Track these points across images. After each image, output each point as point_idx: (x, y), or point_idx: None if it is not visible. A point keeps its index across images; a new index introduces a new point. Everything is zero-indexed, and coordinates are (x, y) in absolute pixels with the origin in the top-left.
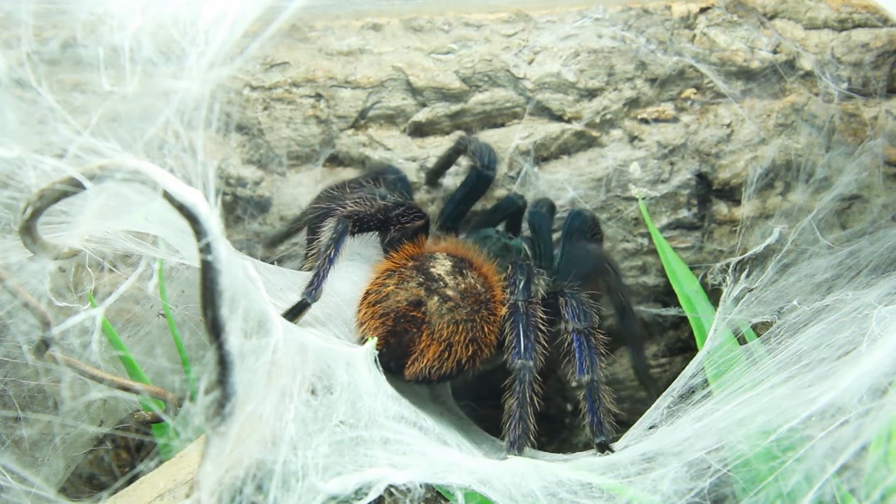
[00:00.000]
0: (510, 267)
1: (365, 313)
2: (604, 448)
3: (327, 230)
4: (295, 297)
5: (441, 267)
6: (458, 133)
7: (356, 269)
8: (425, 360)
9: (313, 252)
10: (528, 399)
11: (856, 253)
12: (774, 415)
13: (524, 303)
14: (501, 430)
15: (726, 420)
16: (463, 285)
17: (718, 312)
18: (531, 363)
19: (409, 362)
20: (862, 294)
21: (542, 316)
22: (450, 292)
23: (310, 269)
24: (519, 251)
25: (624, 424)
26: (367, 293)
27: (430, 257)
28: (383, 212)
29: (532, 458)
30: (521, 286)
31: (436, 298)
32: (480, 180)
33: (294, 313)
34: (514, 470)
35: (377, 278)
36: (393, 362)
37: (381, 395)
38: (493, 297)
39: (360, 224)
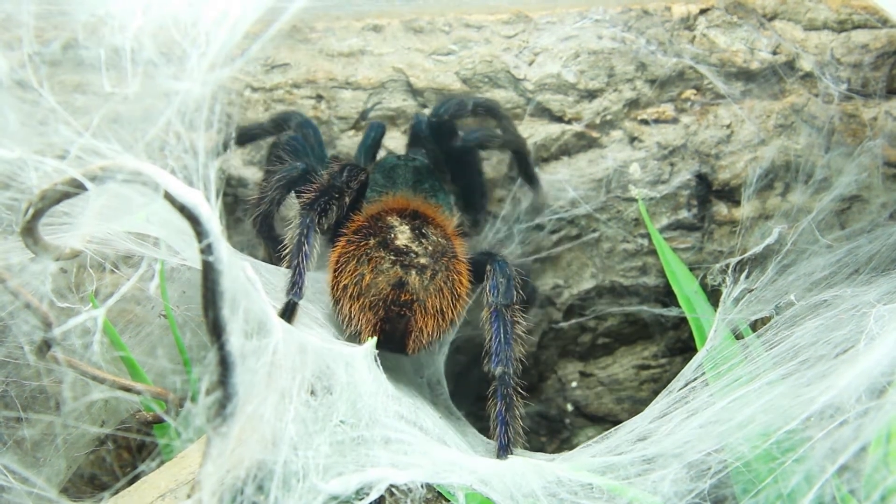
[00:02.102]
0: (489, 267)
1: (351, 307)
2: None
3: (293, 227)
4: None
5: (402, 234)
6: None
7: None
8: (425, 335)
9: (287, 252)
10: (513, 402)
11: (854, 251)
12: (774, 416)
13: (505, 307)
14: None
15: (727, 422)
16: (430, 246)
17: (718, 313)
18: (511, 370)
19: (410, 341)
20: (861, 292)
21: (521, 320)
22: (423, 260)
23: (287, 268)
24: (428, 171)
25: None
26: (345, 286)
27: (387, 227)
28: (332, 184)
29: (529, 458)
30: (502, 290)
31: (414, 273)
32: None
33: (286, 315)
34: (514, 470)
35: (345, 265)
36: (392, 345)
37: (380, 395)
38: (452, 242)
39: (322, 211)
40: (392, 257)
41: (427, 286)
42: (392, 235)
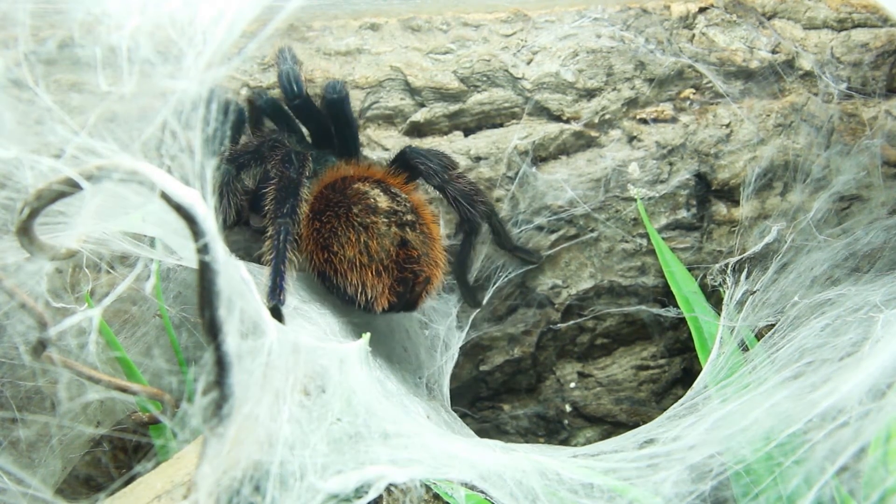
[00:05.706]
0: (420, 166)
1: (363, 275)
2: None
3: (270, 236)
4: (288, 300)
5: (380, 198)
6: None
7: None
8: (433, 286)
9: (267, 258)
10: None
11: (852, 244)
12: (778, 420)
13: (449, 174)
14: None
15: (730, 427)
16: (408, 203)
17: (722, 318)
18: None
19: (422, 296)
20: (864, 290)
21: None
22: (410, 217)
23: (268, 272)
24: (306, 141)
25: (622, 426)
26: (351, 258)
27: (360, 194)
28: (289, 178)
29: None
30: (440, 167)
31: (408, 229)
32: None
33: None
34: (515, 466)
35: (340, 238)
36: (404, 305)
37: (375, 391)
38: (410, 196)
39: (297, 217)
40: (384, 219)
41: (423, 240)
42: (372, 200)
